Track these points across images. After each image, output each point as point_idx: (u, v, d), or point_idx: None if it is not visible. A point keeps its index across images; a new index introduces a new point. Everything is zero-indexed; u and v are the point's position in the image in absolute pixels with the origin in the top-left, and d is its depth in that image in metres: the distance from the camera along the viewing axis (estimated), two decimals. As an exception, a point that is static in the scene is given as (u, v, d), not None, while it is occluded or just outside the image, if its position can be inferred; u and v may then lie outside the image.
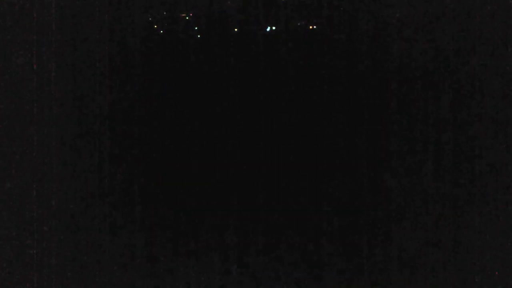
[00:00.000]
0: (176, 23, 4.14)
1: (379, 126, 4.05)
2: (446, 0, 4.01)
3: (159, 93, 4.12)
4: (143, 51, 4.10)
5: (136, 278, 4.07)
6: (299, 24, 4.13)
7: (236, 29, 4.14)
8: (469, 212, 3.97)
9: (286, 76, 4.12)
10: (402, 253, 4.01)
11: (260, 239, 4.08)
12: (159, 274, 4.07)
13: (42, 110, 4.02)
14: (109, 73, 4.07)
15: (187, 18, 4.15)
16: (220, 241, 4.08)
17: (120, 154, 4.09)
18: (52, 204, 4.03)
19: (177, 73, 4.12)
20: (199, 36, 4.14)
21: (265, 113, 4.13)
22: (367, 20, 4.07)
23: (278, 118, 4.12)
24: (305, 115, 4.11)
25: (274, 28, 4.14)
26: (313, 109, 4.11)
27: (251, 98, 4.12)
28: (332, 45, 4.11)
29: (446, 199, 3.99)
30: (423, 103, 4.03)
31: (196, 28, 4.14)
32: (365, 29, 4.07)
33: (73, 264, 4.04)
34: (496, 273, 3.91)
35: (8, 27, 4.00)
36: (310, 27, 4.12)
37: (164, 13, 4.14)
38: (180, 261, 4.07)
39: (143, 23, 4.11)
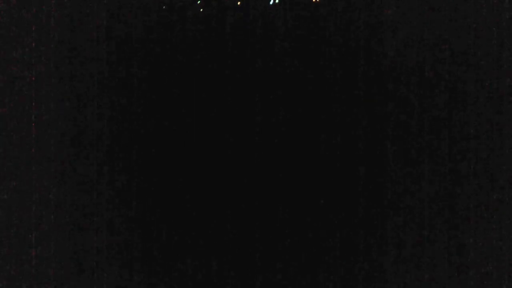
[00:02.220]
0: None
1: (375, 125, 4.03)
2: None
3: (160, 85, 4.10)
4: (142, 44, 4.09)
5: (135, 278, 4.06)
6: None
7: (239, 2, 4.12)
8: (467, 212, 3.96)
9: (283, 74, 4.11)
10: (399, 253, 3.99)
11: (259, 239, 4.06)
12: (158, 274, 4.05)
13: (42, 110, 4.03)
14: (108, 57, 4.06)
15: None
16: (219, 241, 4.06)
17: (119, 153, 4.07)
18: (51, 204, 4.03)
19: (178, 56, 4.11)
20: (201, 10, 4.12)
21: (262, 110, 4.11)
22: (362, 19, 4.06)
23: (274, 115, 4.10)
24: (300, 115, 4.08)
25: (277, 1, 4.11)
26: (309, 109, 4.09)
27: (250, 78, 4.11)
28: (328, 45, 4.09)
29: (444, 198, 3.98)
30: (419, 102, 4.01)
31: (198, 2, 4.12)
32: (360, 27, 4.06)
33: (72, 264, 4.04)
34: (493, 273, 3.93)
35: (8, 27, 4.01)
36: (314, 0, 4.10)
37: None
38: (179, 261, 4.05)
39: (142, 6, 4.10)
